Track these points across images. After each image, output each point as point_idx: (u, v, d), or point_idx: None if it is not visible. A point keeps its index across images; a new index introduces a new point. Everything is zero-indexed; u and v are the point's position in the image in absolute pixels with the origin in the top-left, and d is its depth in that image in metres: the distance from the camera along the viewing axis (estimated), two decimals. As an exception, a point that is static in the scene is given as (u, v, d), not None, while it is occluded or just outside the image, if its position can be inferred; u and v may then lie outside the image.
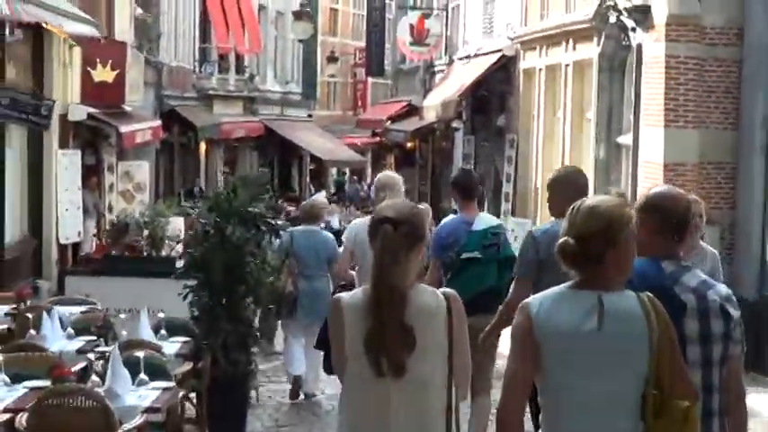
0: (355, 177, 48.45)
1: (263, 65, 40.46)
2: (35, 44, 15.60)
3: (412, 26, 27.48)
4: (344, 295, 4.03)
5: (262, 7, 40.05)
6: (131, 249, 12.69)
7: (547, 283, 3.75)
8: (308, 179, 45.98)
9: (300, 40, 35.32)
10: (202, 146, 33.65)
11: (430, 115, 24.75)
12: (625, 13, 14.12)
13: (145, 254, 12.41)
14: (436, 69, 28.55)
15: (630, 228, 3.55)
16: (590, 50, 16.09)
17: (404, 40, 27.79)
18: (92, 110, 17.30)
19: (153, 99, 26.10)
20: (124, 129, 18.18)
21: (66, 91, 16.63)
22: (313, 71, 43.76)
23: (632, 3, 13.88)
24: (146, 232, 12.71)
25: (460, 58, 25.15)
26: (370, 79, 48.02)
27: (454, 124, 24.65)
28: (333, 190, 46.06)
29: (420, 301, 3.94)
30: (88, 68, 17.67)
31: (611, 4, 14.52)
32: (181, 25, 30.74)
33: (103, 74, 17.96)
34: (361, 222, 8.37)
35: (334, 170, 49.40)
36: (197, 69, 33.27)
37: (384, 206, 4.09)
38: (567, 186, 5.93)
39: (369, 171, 49.47)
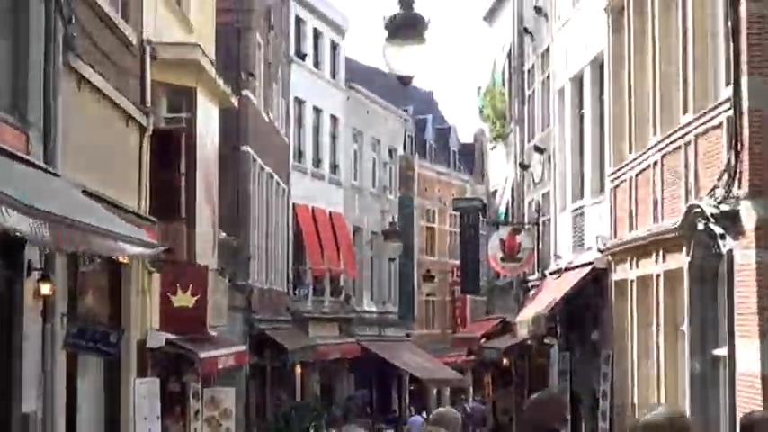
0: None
1: (358, 286, 40.77)
2: (112, 271, 15.47)
3: (503, 241, 27.40)
4: None
5: (357, 229, 40.48)
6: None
7: None
8: (407, 399, 45.36)
9: (392, 259, 35.03)
10: (297, 368, 33.33)
11: (522, 331, 24.26)
12: (713, 220, 13.52)
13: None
14: (530, 285, 28.12)
15: None
16: (680, 260, 15.50)
17: (495, 255, 27.66)
18: (170, 336, 17.06)
19: (241, 323, 26.04)
20: (204, 354, 17.95)
21: (145, 318, 16.43)
22: (410, 290, 43.80)
23: (720, 209, 13.29)
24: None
25: (552, 273, 24.82)
26: (468, 296, 47.83)
27: (547, 340, 24.08)
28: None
29: None
30: (168, 294, 17.54)
31: (699, 211, 13.95)
32: (272, 248, 30.90)
33: (183, 299, 17.82)
34: None
35: (434, 390, 48.73)
36: (291, 292, 33.28)
37: None
38: None
39: (471, 390, 48.72)
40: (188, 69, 18.29)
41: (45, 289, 11.16)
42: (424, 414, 38.87)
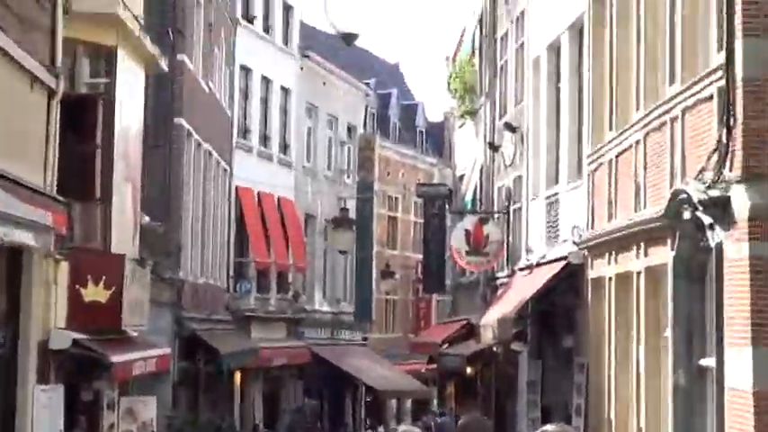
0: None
1: (309, 282, 40.74)
2: (10, 258, 14.91)
3: (468, 232, 27.33)
4: None
5: (309, 217, 40.16)
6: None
7: None
8: (362, 412, 45.14)
9: (343, 252, 34.80)
10: (236, 376, 32.98)
11: (488, 336, 24.15)
12: (701, 208, 13.20)
13: None
14: (498, 283, 28.18)
15: None
16: (664, 255, 15.32)
17: (459, 248, 27.54)
18: (79, 336, 16.59)
19: (170, 322, 25.71)
20: (117, 358, 17.37)
21: (48, 314, 16.02)
22: (368, 288, 43.41)
23: (709, 195, 12.97)
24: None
25: (522, 269, 24.80)
26: (434, 296, 47.70)
27: (515, 346, 23.98)
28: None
29: None
30: (77, 287, 17.16)
31: (685, 197, 13.66)
32: (210, 237, 30.55)
33: (95, 293, 17.42)
34: None
35: (393, 402, 48.54)
36: (231, 288, 32.96)
37: None
38: None
39: (434, 403, 48.60)
40: (107, 25, 18.02)
41: None
42: (381, 430, 38.68)
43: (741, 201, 12.44)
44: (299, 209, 38.68)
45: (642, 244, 16.52)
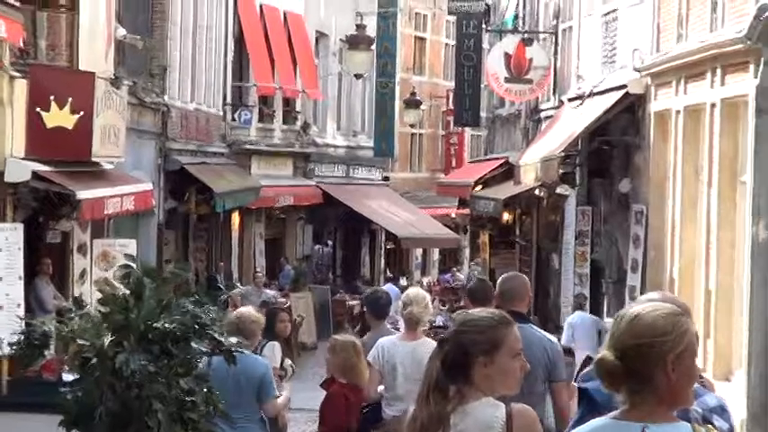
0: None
1: (321, 111, 40.49)
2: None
3: (508, 56, 27.03)
4: None
5: (321, 36, 39.68)
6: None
7: None
8: (382, 263, 45.29)
9: (360, 76, 34.46)
10: (234, 218, 32.90)
11: (529, 178, 24.09)
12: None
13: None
14: (542, 115, 28.24)
15: (686, 343, 4.05)
16: (744, 83, 15.20)
17: (497, 74, 27.28)
18: (40, 168, 16.69)
19: (155, 155, 25.65)
20: (85, 194, 17.39)
21: (3, 141, 16.26)
22: (389, 120, 43.11)
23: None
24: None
25: (572, 99, 24.68)
26: (468, 130, 47.52)
27: (561, 190, 24.09)
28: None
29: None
30: (38, 110, 17.08)
31: (775, 13, 13.39)
32: (203, 56, 30.24)
33: (60, 117, 17.32)
34: (388, 341, 10.54)
35: (418, 252, 48.68)
36: (228, 116, 32.68)
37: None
38: None
39: (467, 252, 48.74)
40: None
41: None
42: (404, 282, 38.67)
43: None
44: (309, 25, 38.14)
45: (718, 71, 16.46)
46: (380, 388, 10.47)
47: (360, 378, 10.31)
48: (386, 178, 44.81)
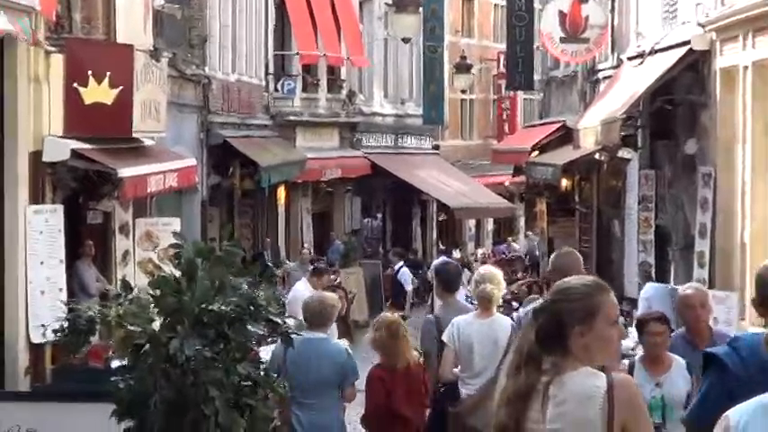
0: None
1: (367, 79, 40.70)
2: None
3: (563, 14, 26.85)
4: None
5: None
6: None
7: None
8: (434, 235, 45.27)
9: (407, 40, 34.42)
10: (280, 192, 33.08)
11: (588, 142, 23.75)
12: None
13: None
14: (600, 76, 27.95)
15: None
16: None
17: (551, 34, 27.10)
18: (79, 146, 16.63)
19: (195, 129, 25.78)
20: (127, 172, 17.32)
21: (40, 119, 16.11)
22: (439, 86, 43.08)
23: None
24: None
25: (631, 58, 24.32)
26: (520, 94, 47.38)
27: (622, 153, 23.83)
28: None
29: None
30: (75, 85, 16.95)
31: None
32: (243, 25, 30.34)
33: (98, 93, 17.18)
34: (463, 320, 10.73)
35: (471, 222, 48.66)
36: (271, 86, 32.76)
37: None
38: None
39: (522, 222, 48.65)
40: None
41: None
42: (457, 254, 38.60)
43: None
44: (354, -11, 38.18)
45: (790, 22, 16.15)
46: (456, 370, 10.71)
47: (397, 358, 10.43)
48: (436, 147, 44.94)
